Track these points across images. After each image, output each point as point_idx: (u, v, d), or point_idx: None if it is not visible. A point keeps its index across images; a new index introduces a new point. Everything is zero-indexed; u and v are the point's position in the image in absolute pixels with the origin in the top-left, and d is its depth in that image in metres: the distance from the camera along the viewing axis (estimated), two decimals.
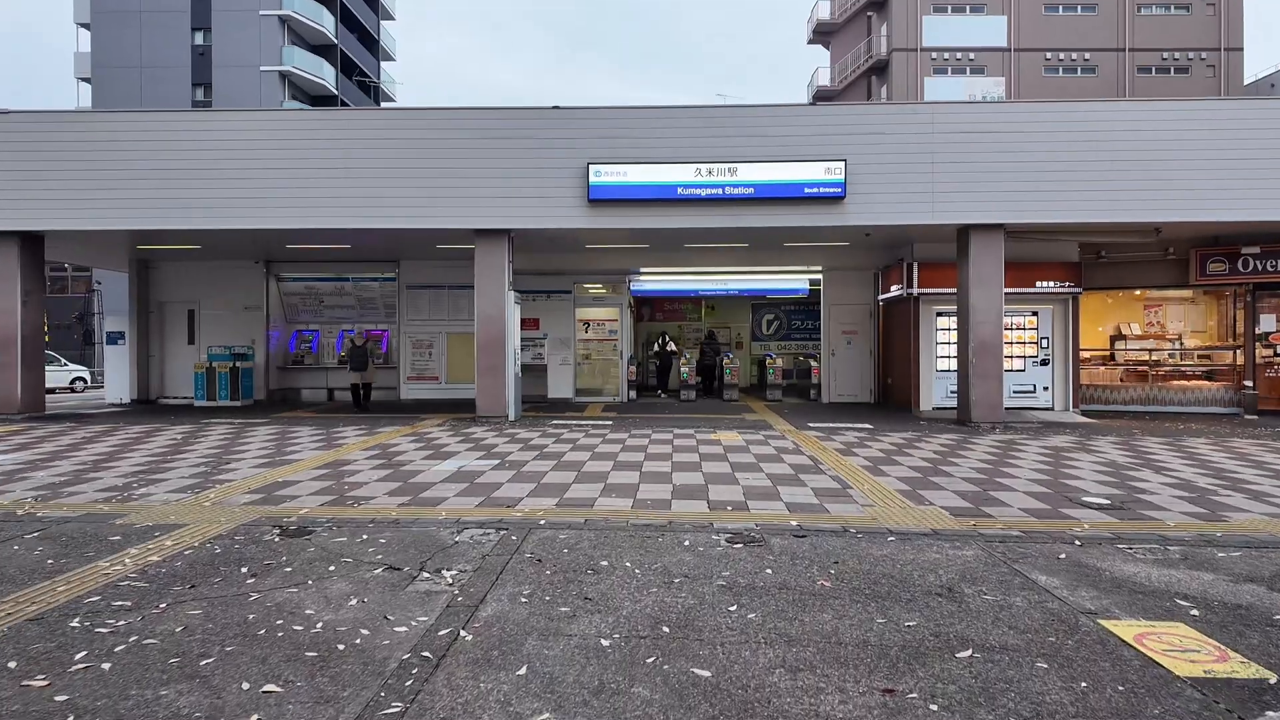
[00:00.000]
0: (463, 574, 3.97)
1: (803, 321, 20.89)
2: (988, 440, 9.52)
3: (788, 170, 10.84)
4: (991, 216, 10.92)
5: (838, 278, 14.77)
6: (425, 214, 11.02)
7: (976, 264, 11.10)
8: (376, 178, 10.97)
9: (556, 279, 14.82)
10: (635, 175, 10.88)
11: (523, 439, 9.26)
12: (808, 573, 4.04)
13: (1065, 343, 12.95)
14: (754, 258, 14.16)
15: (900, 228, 11.43)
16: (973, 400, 11.07)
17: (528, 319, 14.68)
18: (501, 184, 10.98)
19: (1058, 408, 12.94)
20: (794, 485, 6.41)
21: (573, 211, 11.01)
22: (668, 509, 5.51)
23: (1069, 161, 10.73)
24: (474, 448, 8.53)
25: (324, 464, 7.42)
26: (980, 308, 11.09)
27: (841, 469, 7.22)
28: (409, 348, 14.78)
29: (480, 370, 11.23)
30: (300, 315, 15.61)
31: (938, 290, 12.63)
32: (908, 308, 13.12)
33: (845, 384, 14.74)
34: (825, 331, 14.83)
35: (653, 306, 20.22)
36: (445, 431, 10.03)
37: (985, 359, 11.07)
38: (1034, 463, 7.73)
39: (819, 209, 10.93)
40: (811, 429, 10.52)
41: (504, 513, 5.36)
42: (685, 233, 11.78)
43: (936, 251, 12.75)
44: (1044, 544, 4.68)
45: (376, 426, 10.65)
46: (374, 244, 13.04)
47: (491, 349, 11.18)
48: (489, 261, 11.23)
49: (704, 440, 9.15)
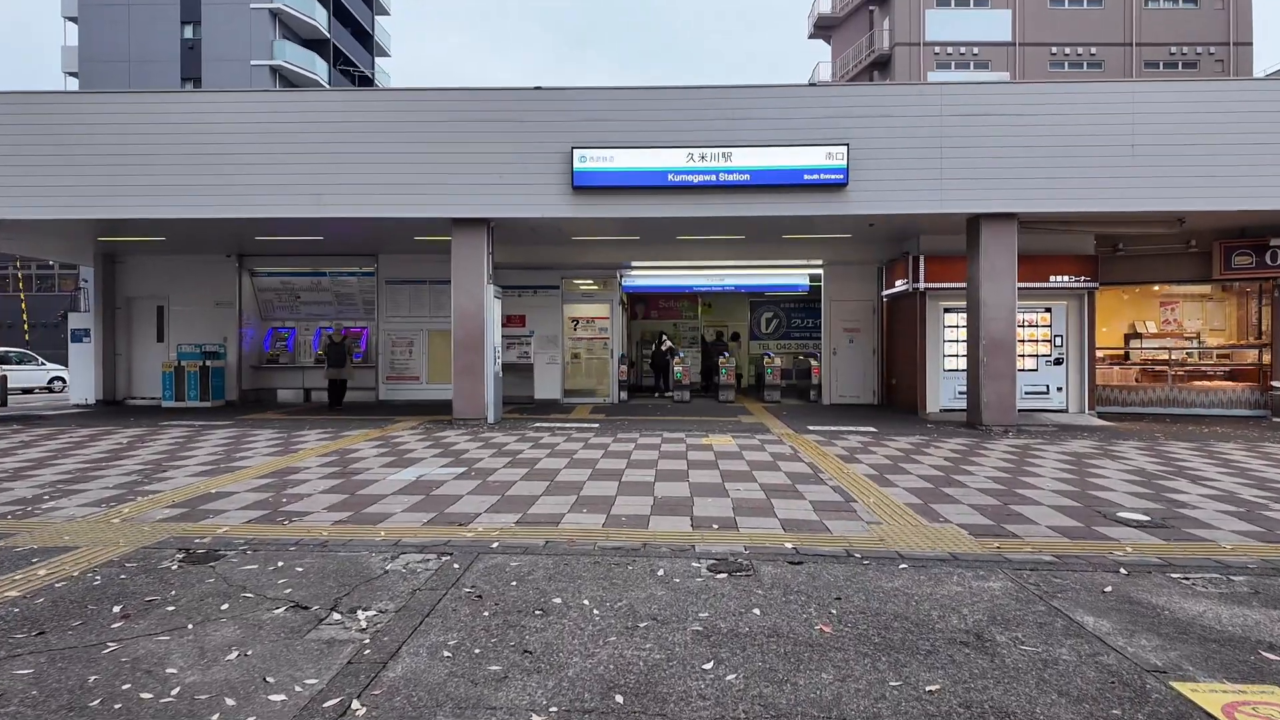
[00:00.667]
0: (381, 615, 3.26)
1: (803, 320, 20.16)
2: (1002, 445, 8.79)
3: (786, 155, 10.12)
4: (1004, 205, 10.19)
5: (839, 273, 14.05)
6: (398, 203, 10.31)
7: (988, 256, 10.38)
8: (346, 164, 10.26)
9: (543, 274, 14.10)
10: (623, 160, 10.17)
11: (498, 444, 8.54)
12: (803, 613, 3.32)
13: (1080, 341, 12.22)
14: (751, 251, 13.44)
15: (906, 217, 10.70)
16: (984, 402, 10.34)
17: (513, 315, 13.99)
18: (480, 171, 10.27)
19: (1072, 410, 12.20)
20: (790, 498, 5.68)
21: (556, 200, 10.29)
22: (645, 527, 4.78)
23: (1087, 146, 10.00)
24: (442, 454, 7.81)
25: (270, 472, 6.70)
26: (992, 303, 10.37)
27: (844, 478, 6.49)
28: (388, 346, 14.06)
29: (457, 369, 10.51)
30: (276, 312, 14.90)
31: (946, 285, 11.91)
32: (913, 304, 12.39)
33: (847, 385, 14.01)
34: (826, 329, 14.11)
35: (647, 304, 19.50)
36: (415, 435, 9.31)
37: (997, 357, 10.34)
38: (1055, 471, 7.00)
39: (819, 197, 10.21)
40: (811, 432, 9.79)
41: (453, 532, 4.64)
42: (677, 223, 11.07)
43: (944, 244, 12.03)
44: (1083, 572, 3.96)
45: (345, 429, 9.93)
46: (348, 236, 12.33)
47: (469, 347, 10.47)
48: (467, 253, 10.51)
49: (694, 445, 8.43)
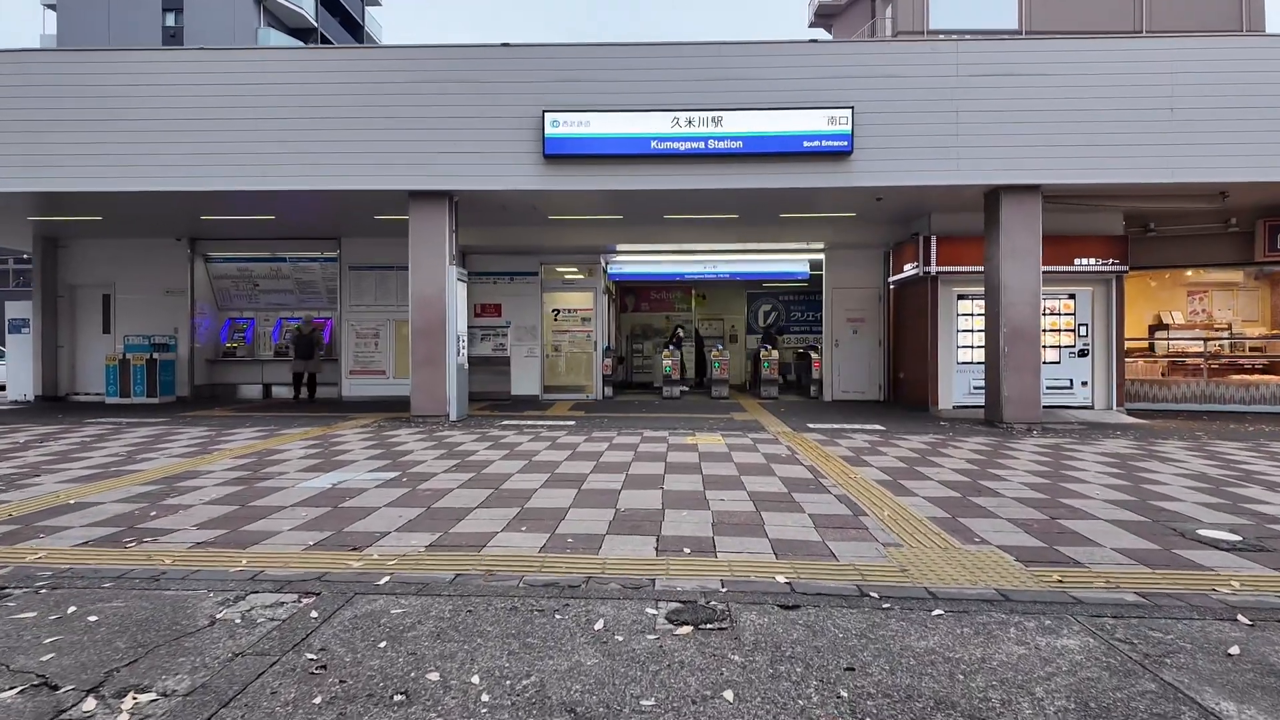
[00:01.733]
0: (160, 702, 2.15)
1: (802, 312, 19.08)
2: (1029, 445, 7.68)
3: (783, 120, 9.01)
4: (1027, 176, 9.08)
5: (842, 258, 12.94)
6: (349, 174, 9.19)
7: (1009, 234, 9.27)
8: (292, 131, 9.15)
9: (520, 259, 13.00)
10: (600, 125, 9.06)
11: (451, 444, 7.44)
12: (799, 698, 2.21)
13: (1108, 330, 11.11)
14: (746, 233, 12.32)
15: (917, 191, 9.59)
16: (1004, 397, 9.24)
17: (488, 304, 12.90)
18: (440, 137, 9.16)
19: (1098, 406, 11.09)
20: (785, 510, 4.58)
21: (525, 170, 9.19)
22: (595, 551, 3.68)
23: (1120, 110, 8.89)
24: (381, 456, 6.70)
25: (162, 477, 5.59)
26: (1014, 286, 9.26)
27: (850, 485, 5.38)
28: (351, 337, 12.95)
29: (415, 361, 9.40)
30: (233, 301, 13.80)
31: (960, 268, 10.81)
32: (924, 290, 11.29)
33: (850, 379, 12.90)
34: (827, 320, 13.00)
35: (637, 296, 18.40)
36: (361, 435, 8.21)
37: (1020, 347, 9.23)
38: (1101, 476, 5.89)
39: (821, 167, 9.10)
40: (811, 431, 8.68)
41: (338, 560, 3.53)
42: (662, 197, 9.96)
43: (958, 223, 10.94)
44: (1186, 620, 2.85)
45: (286, 427, 8.83)
46: (303, 215, 11.23)
47: (429, 335, 9.36)
48: (426, 230, 9.40)
49: (677, 445, 7.32)
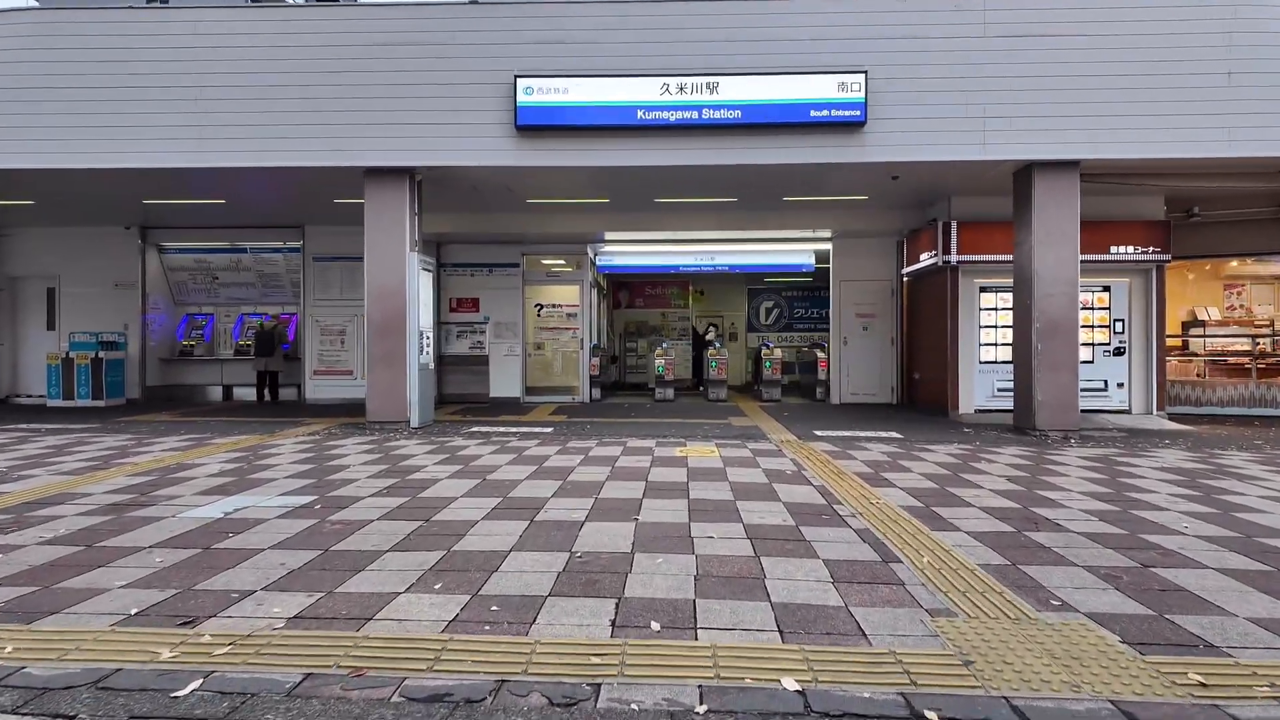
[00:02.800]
0: None
1: (807, 309, 18.02)
2: (1073, 458, 6.60)
3: (788, 85, 7.94)
4: (1064, 150, 8.00)
5: (851, 247, 11.86)
6: (297, 148, 8.13)
7: (1043, 216, 8.18)
8: (232, 100, 8.09)
9: (500, 249, 11.93)
10: (580, 93, 7.99)
11: (400, 456, 6.37)
12: None
13: (1146, 326, 10.02)
14: (747, 220, 11.23)
15: (938, 168, 8.51)
16: (1037, 400, 8.15)
17: (464, 299, 11.84)
18: (400, 107, 8.10)
19: (1136, 410, 10.00)
20: (793, 554, 3.50)
21: (495, 144, 8.12)
22: (526, 628, 2.60)
23: (1170, 75, 7.81)
24: (308, 474, 5.63)
25: (16, 504, 4.52)
26: (1048, 275, 8.17)
27: (873, 514, 4.30)
28: (316, 334, 11.89)
29: (372, 360, 8.33)
30: (191, 295, 12.75)
31: (983, 257, 9.73)
32: (942, 281, 10.21)
33: (860, 380, 11.82)
34: (835, 315, 11.92)
35: (631, 291, 17.34)
36: (300, 445, 7.14)
37: (1055, 345, 8.15)
38: (1174, 499, 4.80)
39: (830, 140, 8.03)
40: (819, 440, 7.61)
41: (151, 643, 2.45)
42: (650, 176, 8.88)
43: (981, 207, 9.86)
44: None
45: (223, 434, 7.77)
46: (256, 200, 10.17)
47: (387, 331, 8.29)
48: (384, 213, 8.34)
49: (664, 459, 6.25)
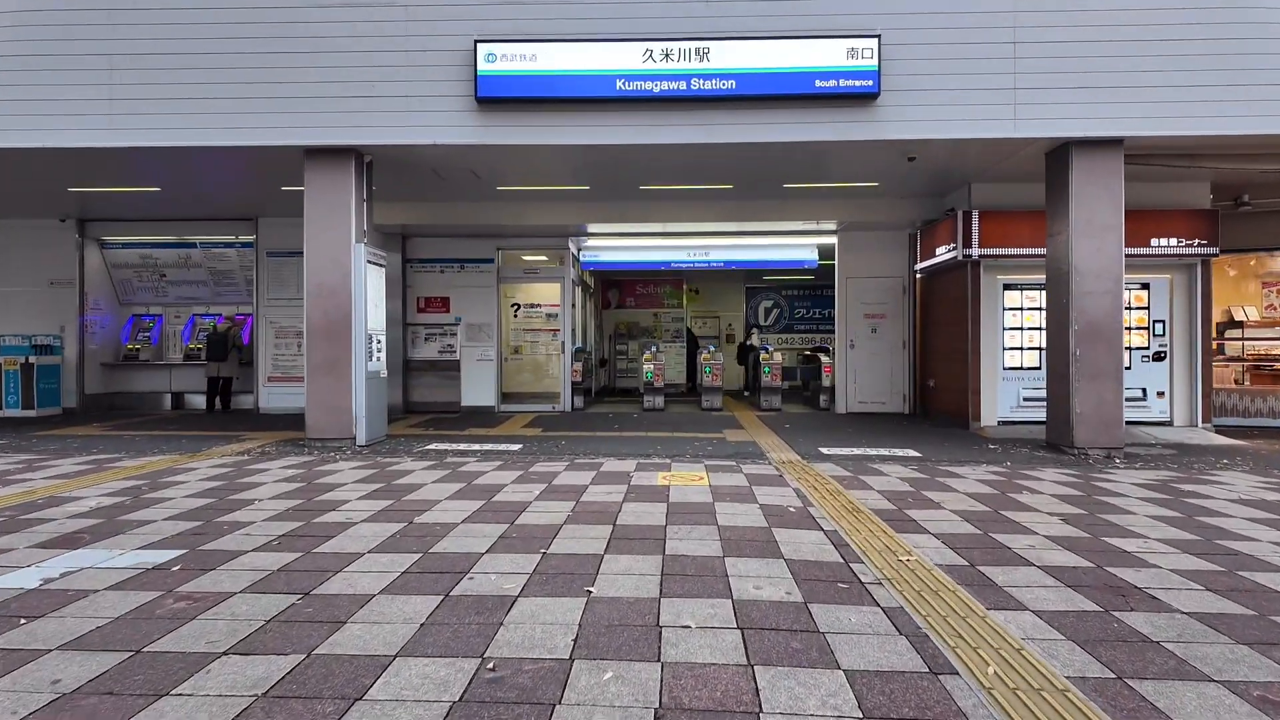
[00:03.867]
0: None
1: (808, 309, 16.98)
2: (1127, 485, 5.54)
3: (789, 52, 6.88)
4: (1107, 126, 6.94)
5: (859, 241, 10.80)
6: (225, 125, 7.07)
7: (1082, 203, 7.13)
8: (148, 70, 7.03)
9: (472, 243, 10.87)
10: (550, 60, 6.93)
11: (325, 486, 5.31)
12: None
13: (1190, 328, 8.97)
14: (744, 210, 10.15)
15: (961, 147, 7.46)
16: (1075, 414, 7.10)
17: (433, 298, 10.78)
18: (343, 77, 7.04)
19: (1178, 421, 8.95)
20: (802, 664, 2.43)
21: (453, 119, 7.06)
22: None
23: (1227, 40, 6.76)
24: (200, 511, 4.57)
25: None
26: (1088, 270, 7.12)
27: (905, 581, 3.24)
28: (270, 337, 10.82)
29: (311, 368, 7.27)
30: (137, 295, 11.68)
31: (1008, 251, 8.67)
32: (961, 278, 9.15)
33: (868, 387, 10.76)
34: (841, 316, 10.86)
35: (621, 290, 16.28)
36: (218, 468, 6.07)
37: (1096, 350, 7.10)
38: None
39: (838, 114, 6.98)
40: (825, 459, 6.55)
41: None
42: (633, 158, 7.83)
43: (1005, 195, 8.82)
44: None
45: (140, 453, 6.71)
46: (197, 187, 9.09)
47: (329, 335, 7.23)
48: (325, 198, 7.28)
49: (641, 490, 5.18)
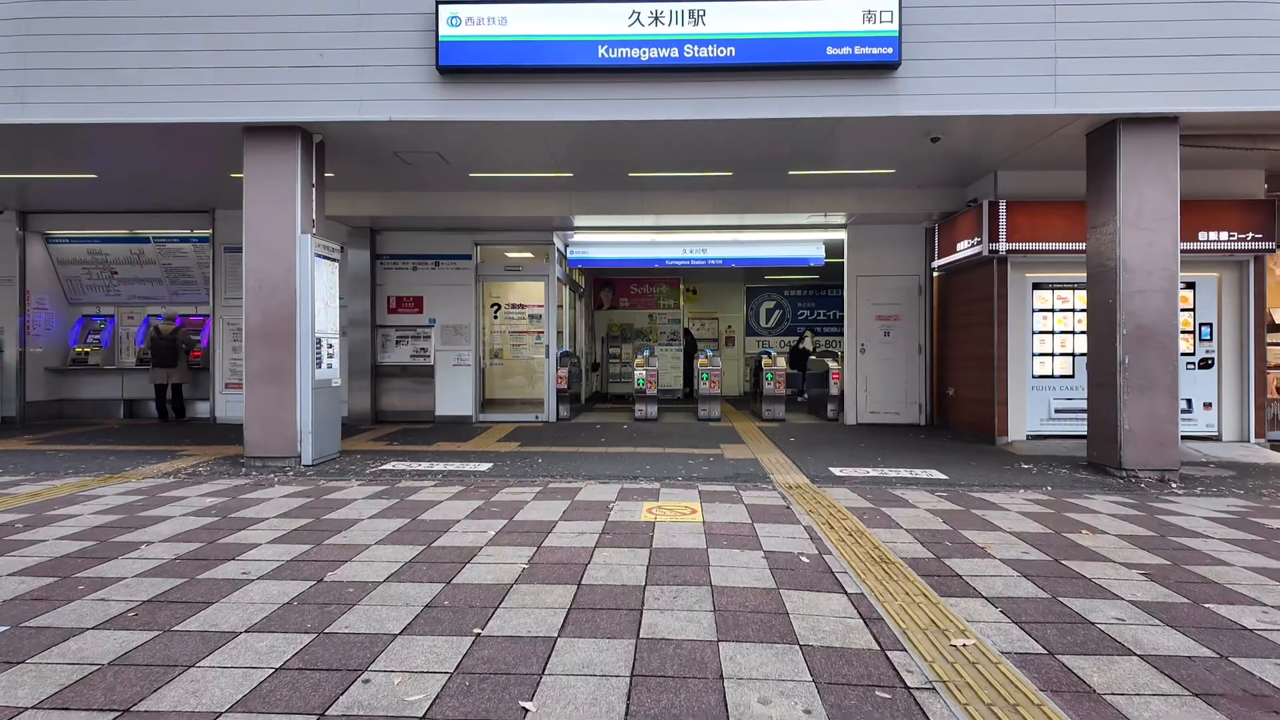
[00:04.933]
0: None
1: (813, 310, 16.10)
2: (1200, 520, 4.64)
3: (797, 15, 6.00)
4: (1161, 101, 6.06)
5: (870, 236, 9.91)
6: (152, 99, 6.18)
7: (1132, 189, 6.24)
8: (60, 35, 6.15)
9: (447, 238, 9.98)
10: (522, 24, 6.05)
11: (238, 523, 4.41)
12: None
13: (1240, 332, 8.09)
14: (744, 201, 9.23)
15: (992, 126, 6.58)
16: (1123, 430, 6.20)
17: (405, 297, 9.90)
18: (287, 44, 6.15)
19: (1228, 435, 8.06)
20: None
21: (413, 92, 6.17)
22: None
23: None
24: (62, 561, 3.67)
25: None
26: (1139, 266, 6.23)
27: (969, 684, 2.34)
28: (228, 340, 9.93)
29: (249, 376, 6.38)
30: (87, 294, 10.79)
31: (1038, 246, 7.79)
32: (986, 277, 8.27)
33: (881, 396, 9.87)
34: (851, 318, 9.97)
35: (614, 290, 15.39)
36: (128, 495, 5.17)
37: (1148, 357, 6.20)
38: None
39: (853, 86, 6.09)
40: (839, 484, 5.65)
41: None
42: (619, 138, 6.95)
43: (1035, 184, 7.95)
44: None
45: (53, 474, 5.83)
46: (131, 173, 8.21)
47: (269, 339, 6.34)
48: (267, 182, 6.39)
49: (620, 529, 4.28)
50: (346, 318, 9.84)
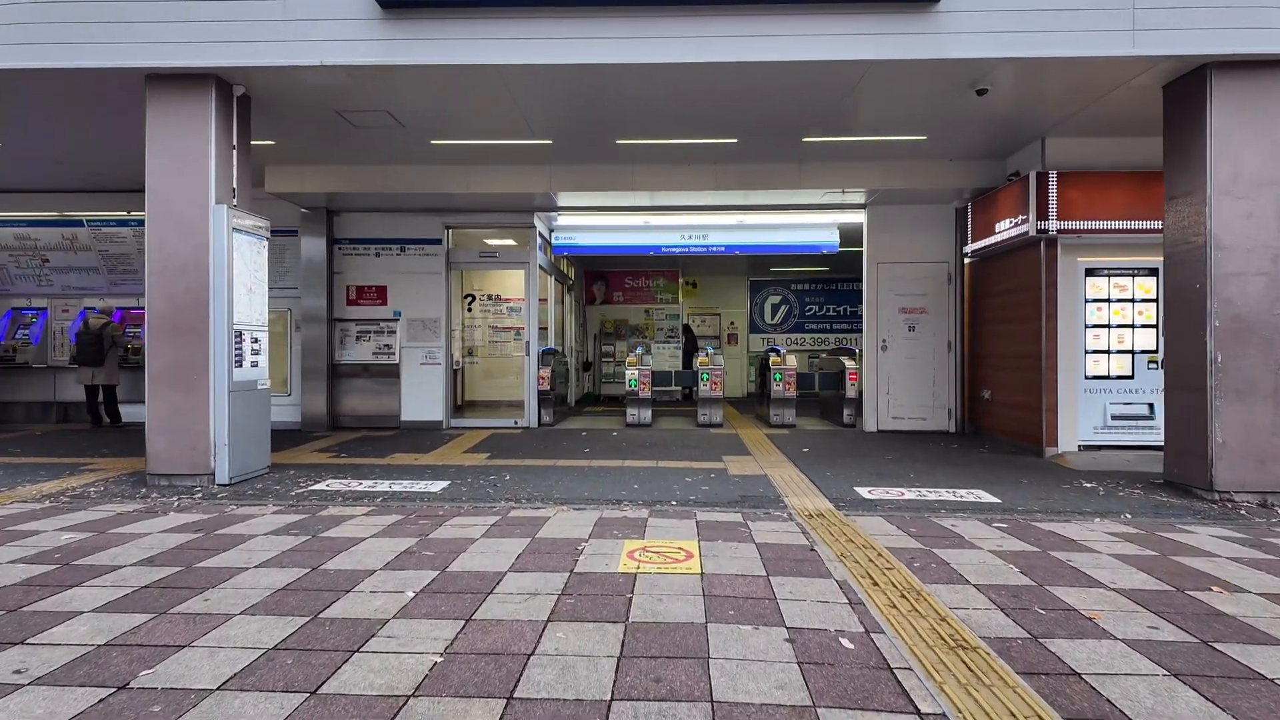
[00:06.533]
0: None
1: (821, 305, 14.98)
2: None
3: None
4: (1264, 40, 4.93)
5: (893, 217, 8.76)
6: (27, 40, 5.07)
7: (1226, 148, 5.12)
8: None
9: (414, 220, 8.85)
10: None
11: (87, 571, 3.30)
12: None
13: None
14: (748, 176, 8.06)
15: (1048, 74, 5.46)
16: (1214, 444, 5.08)
17: (366, 287, 8.80)
18: None
19: None
20: None
21: (349, 30, 5.06)
22: None
23: None
24: None
25: None
26: (1235, 243, 5.10)
27: None
28: None
29: (151, 376, 5.27)
30: (16, 284, 9.69)
31: (1096, 226, 6.66)
32: (1031, 262, 7.14)
33: (905, 399, 8.73)
34: (871, 309, 8.83)
35: (608, 283, 14.25)
36: None
37: (1246, 354, 5.08)
38: None
39: (884, 23, 4.98)
40: (871, 510, 4.52)
41: None
42: (602, 91, 5.82)
43: (1089, 153, 6.83)
44: None
45: None
46: (39, 139, 7.09)
47: (175, 332, 5.24)
48: (174, 142, 5.28)
49: (590, 579, 3.17)
50: (300, 310, 8.73)
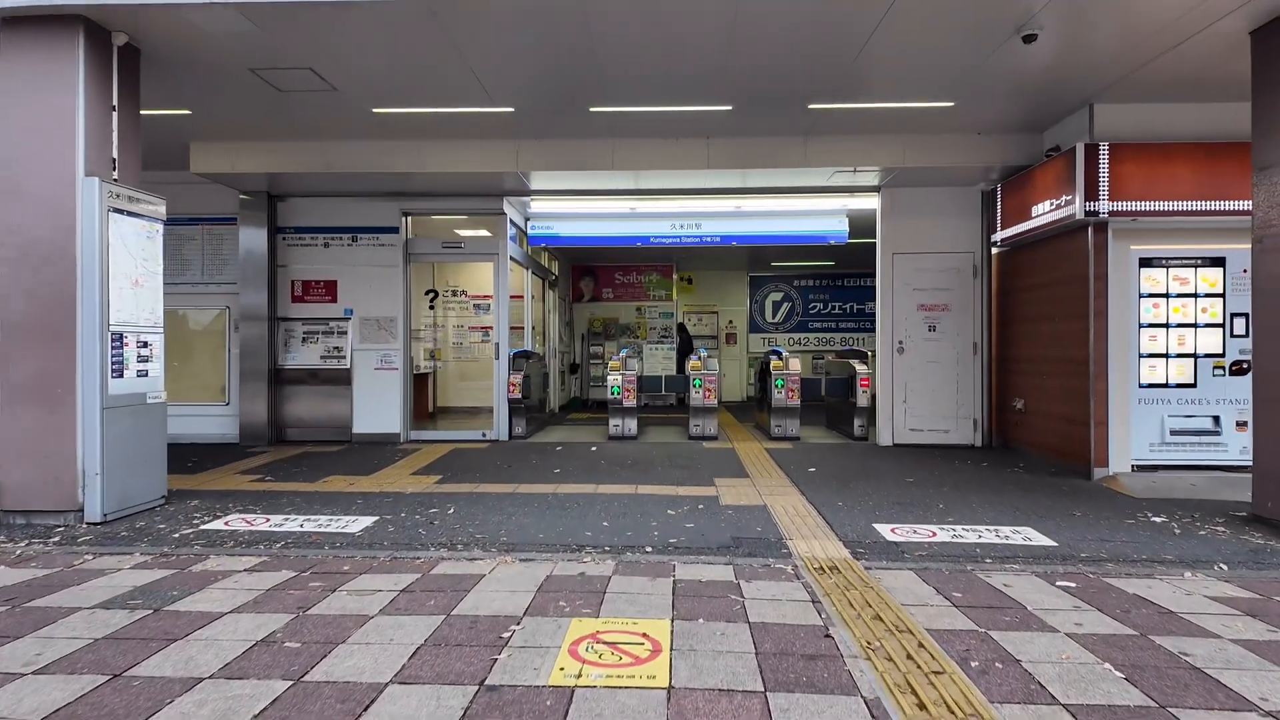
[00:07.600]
0: None
1: (826, 302, 13.98)
2: None
3: None
4: None
5: (910, 201, 7.72)
6: None
7: None
8: None
9: (368, 206, 7.84)
10: None
11: None
12: None
13: None
14: (746, 152, 7.00)
15: (1110, 14, 4.44)
16: None
17: (314, 281, 7.82)
18: None
19: None
20: None
21: None
22: None
23: None
24: None
25: None
26: None
27: None
28: None
29: (9, 390, 4.29)
30: None
31: (1157, 207, 5.66)
32: (1075, 251, 6.11)
33: (925, 408, 7.70)
34: (885, 306, 7.81)
35: (597, 279, 13.25)
36: None
37: None
38: None
39: None
40: (898, 558, 3.51)
41: None
42: (557, 31, 4.81)
43: (1145, 122, 5.85)
44: None
45: None
46: None
47: (36, 335, 4.25)
48: (32, 99, 4.30)
49: (511, 692, 2.16)
50: (239, 308, 7.74)
